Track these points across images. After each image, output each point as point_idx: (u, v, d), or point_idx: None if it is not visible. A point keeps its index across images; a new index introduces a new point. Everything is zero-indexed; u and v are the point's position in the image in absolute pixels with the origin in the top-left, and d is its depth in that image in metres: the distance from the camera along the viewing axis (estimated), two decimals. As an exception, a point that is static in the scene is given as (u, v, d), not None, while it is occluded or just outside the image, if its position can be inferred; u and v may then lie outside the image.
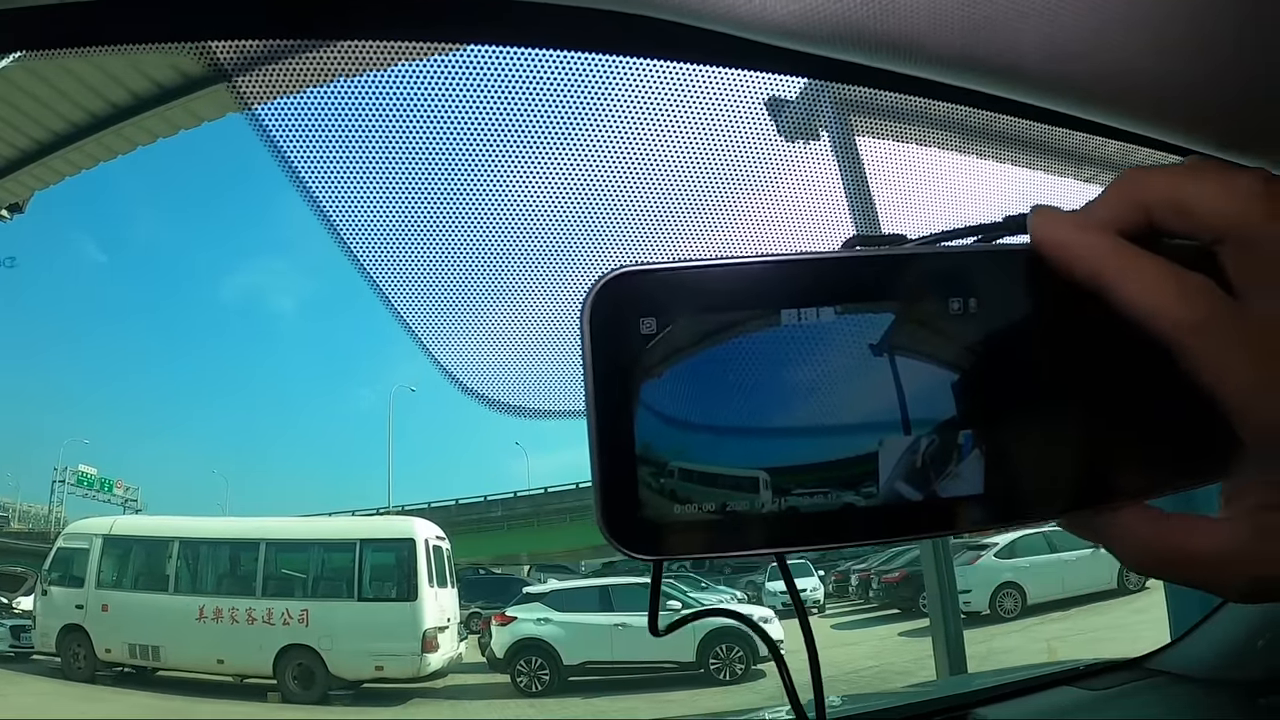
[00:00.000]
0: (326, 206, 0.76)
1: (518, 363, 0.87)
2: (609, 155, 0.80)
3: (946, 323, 0.33)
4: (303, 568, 10.56)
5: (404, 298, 0.83)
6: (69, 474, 18.16)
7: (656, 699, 9.19)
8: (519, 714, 9.50)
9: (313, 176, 0.74)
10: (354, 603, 10.17)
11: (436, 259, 0.84)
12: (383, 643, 9.71)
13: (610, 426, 0.32)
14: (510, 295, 0.88)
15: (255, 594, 10.22)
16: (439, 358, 0.84)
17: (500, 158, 0.81)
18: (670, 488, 0.32)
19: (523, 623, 10.12)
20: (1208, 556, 0.34)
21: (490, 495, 21.17)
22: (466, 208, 0.82)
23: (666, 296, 0.32)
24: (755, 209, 0.88)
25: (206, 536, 10.72)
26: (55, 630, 9.92)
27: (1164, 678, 1.57)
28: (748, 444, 0.32)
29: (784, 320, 0.32)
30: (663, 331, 0.32)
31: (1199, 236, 0.33)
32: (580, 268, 0.89)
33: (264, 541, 10.56)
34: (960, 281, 0.33)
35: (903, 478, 0.33)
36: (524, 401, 0.87)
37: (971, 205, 1.00)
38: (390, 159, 0.78)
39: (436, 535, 10.88)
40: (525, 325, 0.88)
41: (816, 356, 0.33)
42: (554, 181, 0.82)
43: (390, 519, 13.87)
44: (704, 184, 0.85)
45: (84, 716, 8.44)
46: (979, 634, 9.15)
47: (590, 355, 0.32)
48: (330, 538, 10.87)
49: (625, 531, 0.32)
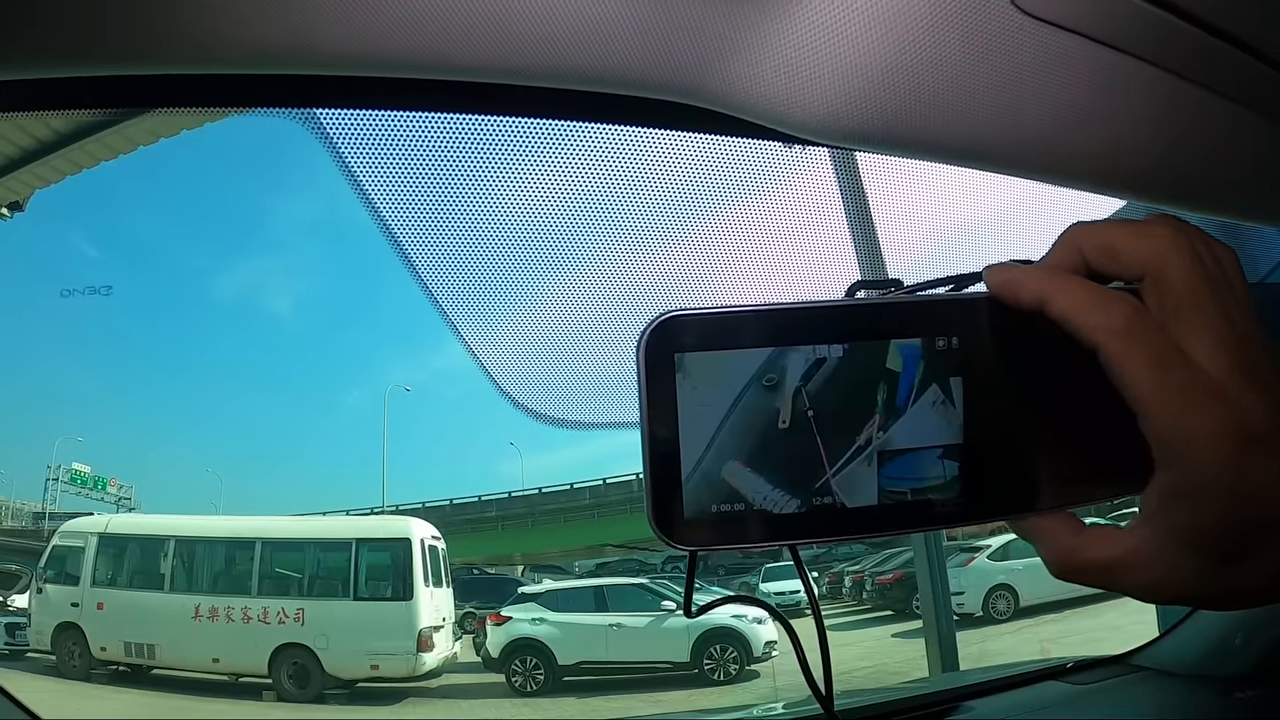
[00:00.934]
0: (416, 261, 0.85)
1: (566, 383, 0.98)
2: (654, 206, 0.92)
3: (933, 356, 0.40)
4: (299, 567, 10.53)
5: (474, 332, 0.93)
6: (62, 472, 18.08)
7: (651, 699, 9.21)
8: (514, 714, 9.50)
9: (411, 241, 0.84)
10: (350, 602, 10.14)
11: (504, 294, 0.95)
12: (378, 642, 9.69)
13: (659, 441, 0.39)
14: (561, 321, 1.00)
15: (251, 593, 10.20)
16: (497, 379, 0.94)
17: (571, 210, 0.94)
18: (706, 490, 0.39)
19: (518, 622, 10.11)
20: (1111, 563, 0.39)
21: (485, 495, 21.11)
22: (537, 252, 0.94)
23: (704, 334, 0.39)
24: (775, 245, 0.99)
25: (202, 535, 10.69)
26: (50, 628, 9.88)
27: (1147, 673, 1.62)
28: (770, 455, 0.40)
29: (800, 354, 0.39)
30: (700, 362, 0.39)
31: (1125, 275, 0.39)
32: (632, 303, 1.01)
33: (260, 540, 10.54)
34: (945, 323, 0.40)
35: (894, 483, 0.40)
36: (568, 415, 0.97)
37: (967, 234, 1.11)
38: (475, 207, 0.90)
39: (432, 535, 10.87)
40: (574, 348, 1.00)
41: (827, 383, 0.39)
42: (612, 230, 0.94)
43: (386, 519, 13.83)
44: (728, 230, 0.97)
45: (79, 714, 8.43)
46: (972, 635, 9.20)
47: (644, 380, 0.39)
48: (326, 537, 10.84)
49: (669, 526, 0.40)
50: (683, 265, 0.99)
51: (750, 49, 0.52)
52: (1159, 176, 0.64)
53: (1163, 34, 0.50)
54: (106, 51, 0.56)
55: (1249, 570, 0.37)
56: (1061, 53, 0.50)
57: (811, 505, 0.40)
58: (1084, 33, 0.49)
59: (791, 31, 0.50)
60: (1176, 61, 0.53)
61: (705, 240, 0.99)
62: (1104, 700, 1.59)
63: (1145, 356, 0.36)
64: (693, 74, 0.55)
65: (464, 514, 20.43)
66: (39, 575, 10.34)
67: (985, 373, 0.40)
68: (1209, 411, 0.35)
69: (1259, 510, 0.35)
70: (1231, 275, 0.38)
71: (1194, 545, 0.37)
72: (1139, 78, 0.53)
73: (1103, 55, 0.51)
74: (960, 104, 0.51)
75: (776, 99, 0.53)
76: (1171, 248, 0.37)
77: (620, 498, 19.22)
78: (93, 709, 8.62)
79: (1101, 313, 0.37)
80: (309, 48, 0.55)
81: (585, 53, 0.53)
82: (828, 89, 0.52)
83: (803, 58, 0.51)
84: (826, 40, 0.49)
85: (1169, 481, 0.37)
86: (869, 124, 0.52)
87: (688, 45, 0.52)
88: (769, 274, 1.04)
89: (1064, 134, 0.57)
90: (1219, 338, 0.36)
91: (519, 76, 0.57)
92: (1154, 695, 1.56)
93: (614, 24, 0.51)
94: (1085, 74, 0.52)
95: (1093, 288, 0.38)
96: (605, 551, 18.76)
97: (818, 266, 1.04)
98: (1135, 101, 0.55)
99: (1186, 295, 0.37)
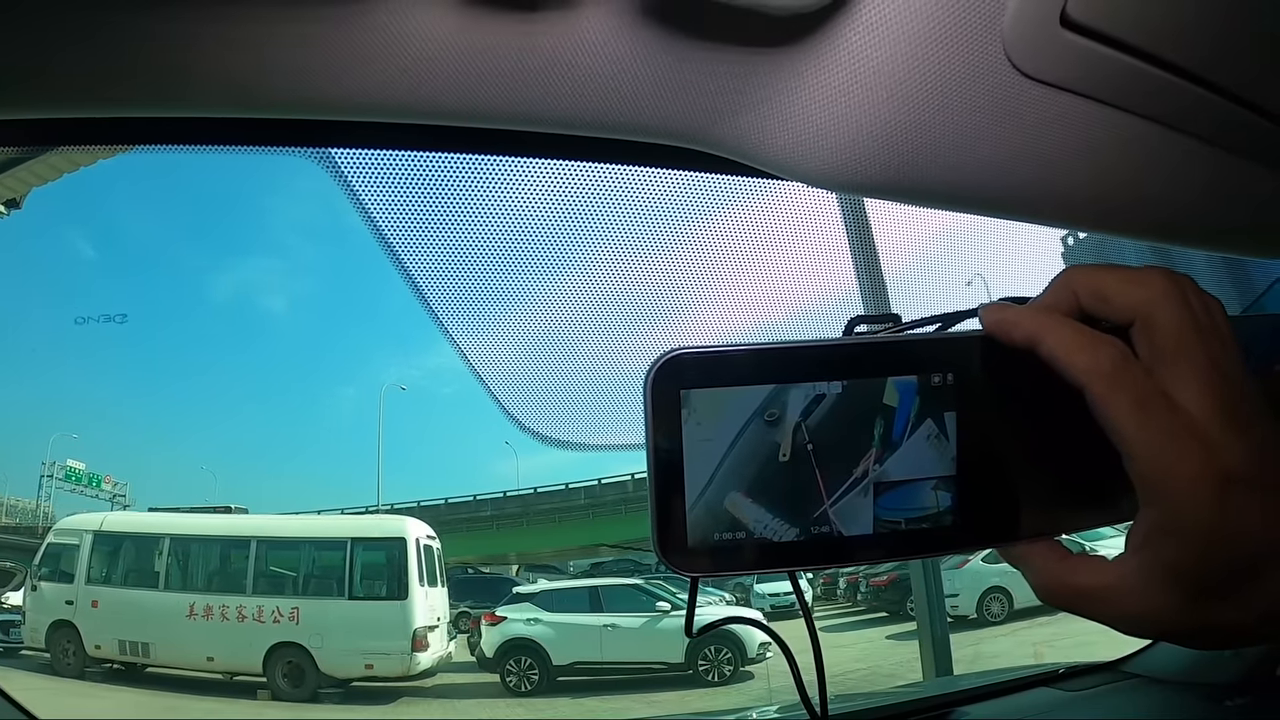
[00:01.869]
0: (428, 294, 0.90)
1: (570, 406, 1.03)
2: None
3: (929, 392, 0.42)
4: (294, 566, 10.50)
5: (484, 361, 0.97)
6: (57, 469, 17.99)
7: (645, 699, 9.21)
8: (508, 713, 9.50)
9: (432, 291, 0.88)
10: (345, 601, 10.11)
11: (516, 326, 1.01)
12: (373, 641, 9.68)
13: (664, 472, 0.41)
14: (567, 347, 1.05)
15: (246, 591, 10.16)
16: (503, 403, 0.98)
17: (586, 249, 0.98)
18: (709, 520, 0.41)
19: (512, 623, 10.10)
20: (1093, 592, 0.40)
21: (480, 495, 21.06)
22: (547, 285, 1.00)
23: (709, 371, 0.41)
24: (775, 280, 1.03)
25: (198, 533, 10.66)
26: (45, 626, 9.83)
27: (1139, 680, 1.65)
28: (770, 486, 0.41)
29: (801, 390, 0.41)
30: (705, 397, 0.41)
31: (1115, 319, 0.40)
32: (636, 335, 1.06)
33: (255, 539, 10.51)
34: (940, 360, 0.42)
35: (889, 513, 0.42)
36: (575, 437, 1.01)
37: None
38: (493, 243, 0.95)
39: (427, 535, 10.85)
40: (578, 375, 1.05)
41: (826, 418, 0.41)
42: (622, 266, 1.00)
43: (382, 518, 13.80)
44: (730, 266, 1.02)
45: (73, 713, 8.40)
46: (966, 637, 9.23)
47: (650, 414, 0.41)
48: (322, 536, 10.80)
49: (673, 553, 0.42)
50: (686, 295, 1.04)
51: (761, 105, 0.55)
52: (1147, 216, 0.67)
53: (1150, 88, 0.53)
54: (117, 94, 0.58)
55: (1229, 608, 0.38)
56: (1056, 109, 0.54)
57: (810, 534, 0.42)
58: (1077, 90, 0.52)
59: (802, 90, 0.53)
60: (1164, 112, 0.56)
61: (708, 271, 1.03)
62: (1096, 706, 1.61)
63: (1129, 399, 0.37)
64: (703, 124, 0.58)
65: (459, 513, 20.37)
66: (33, 573, 10.29)
67: (978, 408, 0.42)
68: (1191, 453, 0.36)
69: (1239, 550, 0.37)
70: (1219, 324, 0.40)
71: (1176, 581, 0.38)
72: (1128, 129, 0.56)
73: (1094, 110, 0.54)
74: (960, 156, 0.54)
75: (784, 150, 0.56)
76: (1163, 296, 0.39)
77: (615, 498, 19.20)
78: (87, 707, 8.59)
79: (1089, 355, 0.38)
80: (327, 93, 0.58)
81: (601, 103, 0.56)
82: (834, 144, 0.54)
83: (812, 115, 0.53)
84: (835, 100, 0.52)
85: (1153, 518, 0.38)
86: (872, 175, 0.55)
87: (701, 99, 0.55)
88: (769, 301, 1.08)
89: (1057, 180, 0.60)
90: (1204, 383, 0.37)
91: (533, 123, 0.59)
92: (1145, 702, 1.58)
93: (632, 78, 0.54)
94: (1078, 127, 0.55)
95: (1082, 330, 0.39)
96: (600, 552, 18.72)
97: (817, 297, 1.08)
98: (1123, 150, 0.58)
99: (1175, 342, 0.38)
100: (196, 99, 0.59)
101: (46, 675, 9.45)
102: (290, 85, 0.57)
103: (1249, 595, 0.37)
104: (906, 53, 0.50)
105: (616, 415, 1.03)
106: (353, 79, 0.55)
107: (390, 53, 0.53)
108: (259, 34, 0.52)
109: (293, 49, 0.53)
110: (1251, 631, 0.39)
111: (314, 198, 28.09)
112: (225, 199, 27.88)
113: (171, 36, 0.51)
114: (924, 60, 0.50)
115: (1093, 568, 0.41)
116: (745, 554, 0.41)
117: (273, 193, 33.60)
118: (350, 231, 24.80)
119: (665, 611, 10.06)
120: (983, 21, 0.48)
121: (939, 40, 0.49)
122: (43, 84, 0.55)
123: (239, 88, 0.57)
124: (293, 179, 31.37)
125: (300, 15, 0.51)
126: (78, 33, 0.50)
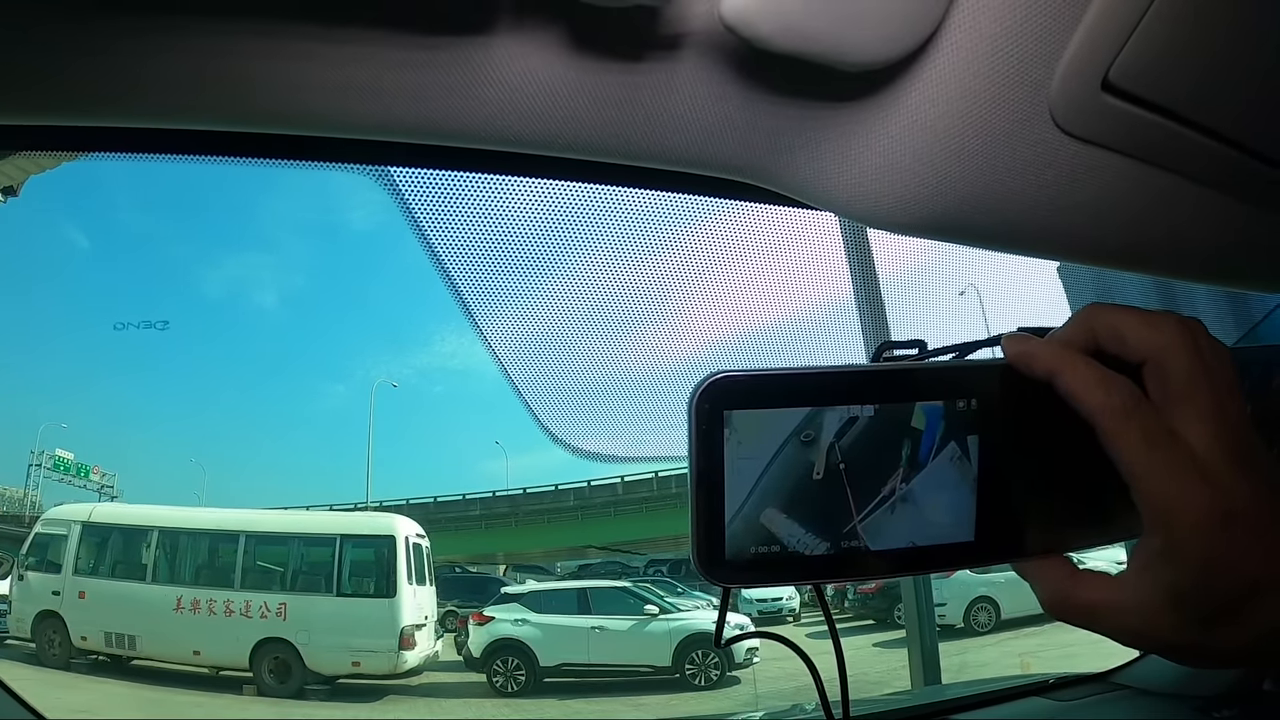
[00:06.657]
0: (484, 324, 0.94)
1: (602, 423, 1.08)
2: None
3: (954, 416, 0.45)
4: (282, 561, 10.47)
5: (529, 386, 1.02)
6: (46, 458, 17.85)
7: (632, 702, 9.23)
8: (494, 714, 9.49)
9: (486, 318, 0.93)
10: (333, 598, 10.09)
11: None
12: (360, 638, 9.66)
13: (706, 488, 0.43)
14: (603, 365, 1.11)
15: (234, 586, 10.13)
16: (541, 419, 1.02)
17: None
18: (746, 534, 0.44)
19: (500, 623, 10.10)
20: (1099, 607, 0.43)
21: (469, 494, 21.01)
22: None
23: (750, 394, 0.44)
24: (804, 307, 1.10)
25: (186, 526, 10.61)
26: (31, 616, 9.77)
27: (1127, 691, 1.69)
28: (804, 503, 0.44)
29: (836, 413, 0.44)
30: (746, 418, 0.43)
31: (1130, 359, 0.43)
32: (673, 357, 1.14)
33: (244, 533, 10.47)
34: (965, 387, 0.46)
35: (914, 529, 0.46)
36: (615, 451, 1.05)
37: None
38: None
39: (417, 533, 10.84)
40: (613, 392, 1.11)
41: (858, 439, 0.44)
42: (657, 295, 1.06)
43: (371, 515, 13.76)
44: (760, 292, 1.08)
45: (57, 704, 8.35)
46: (953, 646, 9.28)
47: (694, 433, 0.43)
48: (311, 532, 10.77)
49: (711, 565, 0.44)
50: (720, 319, 1.08)
51: (819, 146, 0.59)
52: (1166, 257, 0.73)
53: (1178, 146, 0.58)
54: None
55: (1225, 632, 0.40)
56: (1092, 162, 0.59)
57: (839, 548, 0.44)
58: (1112, 147, 0.57)
59: (861, 136, 0.57)
60: (1189, 166, 0.61)
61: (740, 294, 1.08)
62: (1085, 717, 1.65)
63: (1139, 435, 0.40)
64: (764, 161, 0.62)
65: (448, 512, 20.31)
66: (20, 562, 10.21)
67: (999, 432, 0.46)
68: (1194, 488, 0.39)
69: (1238, 580, 0.39)
70: (1226, 368, 0.42)
71: (1176, 603, 0.40)
72: (1155, 180, 0.61)
73: (1126, 164, 0.59)
74: (1003, 203, 0.59)
75: (841, 190, 0.61)
76: (1176, 341, 0.41)
77: (604, 500, 19.20)
78: (71, 699, 8.53)
79: (1102, 392, 0.41)
80: (386, 116, 0.61)
81: (671, 139, 0.60)
82: (888, 187, 0.59)
83: (869, 159, 0.58)
84: (892, 147, 0.57)
85: (1156, 546, 0.40)
86: (921, 217, 0.59)
87: (764, 139, 0.60)
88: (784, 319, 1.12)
89: (1089, 226, 0.64)
90: (1210, 423, 0.40)
91: (602, 154, 0.63)
92: (1134, 713, 1.62)
93: (703, 117, 0.58)
94: (1111, 179, 0.60)
95: (1097, 368, 0.42)
96: (588, 553, 18.71)
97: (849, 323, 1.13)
98: (1149, 199, 0.63)
99: (1185, 384, 0.41)
100: (260, 116, 0.62)
101: (32, 665, 9.37)
102: (364, 108, 0.60)
103: (1247, 619, 0.40)
104: (961, 109, 0.54)
105: (642, 430, 1.07)
106: (446, 109, 0.58)
107: (473, 87, 0.57)
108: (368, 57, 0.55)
109: (399, 71, 0.56)
110: (1249, 652, 0.41)
111: (314, 198, 27.97)
112: (215, 192, 27.75)
113: (223, 53, 0.54)
114: (976, 115, 0.55)
115: (1099, 585, 0.43)
116: (778, 567, 0.44)
117: (267, 188, 33.45)
118: (343, 229, 24.69)
119: (653, 615, 10.07)
120: (1032, 83, 0.53)
121: (991, 99, 0.54)
122: (143, 95, 0.58)
123: (349, 109, 0.60)
124: (286, 173, 31.10)
125: (412, 56, 0.54)
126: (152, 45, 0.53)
